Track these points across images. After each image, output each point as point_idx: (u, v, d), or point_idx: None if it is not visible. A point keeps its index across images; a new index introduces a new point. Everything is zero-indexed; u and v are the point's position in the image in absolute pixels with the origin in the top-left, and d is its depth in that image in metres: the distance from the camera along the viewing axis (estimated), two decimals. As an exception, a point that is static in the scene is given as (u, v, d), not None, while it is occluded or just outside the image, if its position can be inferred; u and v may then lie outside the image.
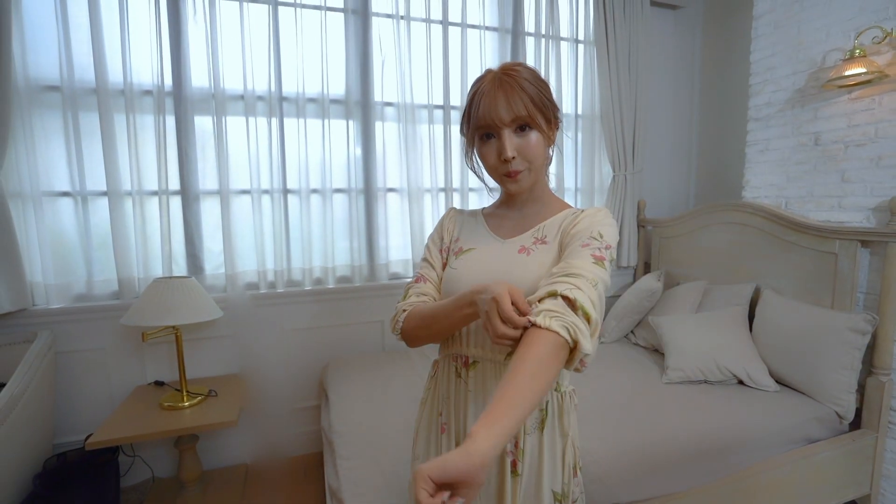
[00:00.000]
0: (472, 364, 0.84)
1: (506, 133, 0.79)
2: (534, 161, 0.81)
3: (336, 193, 2.30)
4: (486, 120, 0.79)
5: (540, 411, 0.83)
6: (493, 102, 0.77)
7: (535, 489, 0.82)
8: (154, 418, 1.75)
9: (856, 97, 1.78)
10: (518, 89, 0.77)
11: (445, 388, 0.88)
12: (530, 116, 0.78)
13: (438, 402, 0.89)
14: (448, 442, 0.86)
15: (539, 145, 0.80)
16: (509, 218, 0.92)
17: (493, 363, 0.83)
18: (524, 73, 0.79)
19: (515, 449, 0.82)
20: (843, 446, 1.67)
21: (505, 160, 0.79)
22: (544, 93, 0.81)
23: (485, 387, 0.83)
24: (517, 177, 0.81)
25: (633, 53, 2.64)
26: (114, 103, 1.93)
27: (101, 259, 2.02)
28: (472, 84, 0.83)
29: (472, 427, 0.56)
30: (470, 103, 0.82)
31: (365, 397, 1.79)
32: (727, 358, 1.89)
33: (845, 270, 1.79)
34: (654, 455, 1.42)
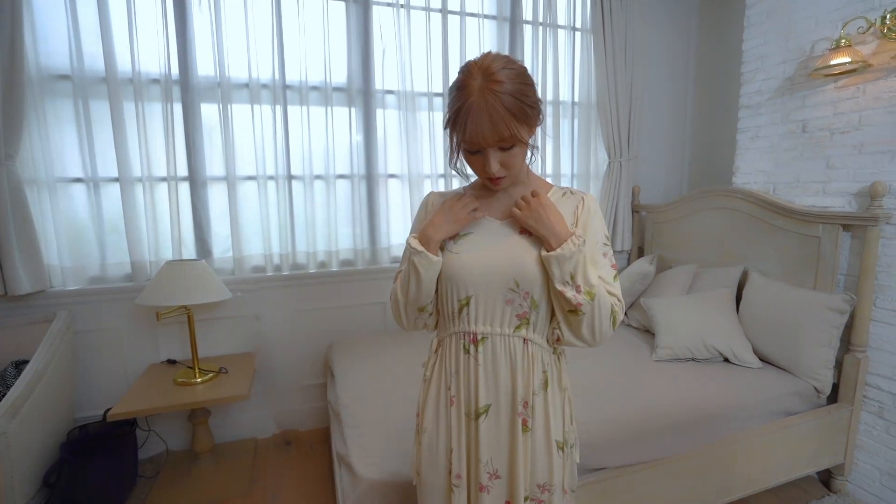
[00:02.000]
0: (480, 340, 0.92)
1: (490, 152, 0.83)
2: (514, 168, 0.88)
3: (339, 179, 2.37)
4: (472, 141, 0.82)
5: (543, 372, 0.92)
6: (479, 125, 0.80)
7: (543, 441, 0.92)
8: (169, 393, 1.85)
9: (841, 86, 1.85)
10: (501, 110, 0.78)
11: (454, 364, 0.95)
12: (513, 136, 0.82)
13: (446, 377, 0.96)
14: (458, 413, 0.94)
15: (520, 155, 0.87)
16: (497, 199, 0.97)
17: (502, 336, 0.91)
18: (507, 86, 0.79)
19: (525, 409, 0.91)
20: (819, 418, 1.77)
21: (489, 175, 0.87)
22: (526, 102, 0.81)
23: (495, 359, 0.91)
24: (500, 183, 0.90)
25: (629, 42, 2.68)
26: (123, 91, 1.99)
27: (113, 243, 2.10)
28: (454, 87, 0.83)
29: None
30: (455, 116, 0.82)
31: (369, 373, 1.88)
32: (714, 337, 1.98)
33: (827, 253, 1.87)
34: (641, 425, 1.51)
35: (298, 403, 2.43)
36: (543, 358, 0.93)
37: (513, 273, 0.88)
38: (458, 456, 0.93)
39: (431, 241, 0.91)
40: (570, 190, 0.98)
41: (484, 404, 0.92)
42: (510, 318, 0.91)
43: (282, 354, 2.38)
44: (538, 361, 0.92)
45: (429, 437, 0.98)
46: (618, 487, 1.45)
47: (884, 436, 1.79)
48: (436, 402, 0.98)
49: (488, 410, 0.92)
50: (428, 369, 1.01)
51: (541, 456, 0.92)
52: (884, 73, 1.71)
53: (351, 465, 1.32)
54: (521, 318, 0.90)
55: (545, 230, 0.86)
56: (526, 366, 0.91)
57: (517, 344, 0.91)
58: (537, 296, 0.89)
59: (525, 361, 0.91)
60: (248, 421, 2.35)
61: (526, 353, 0.91)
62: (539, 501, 0.93)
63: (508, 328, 0.91)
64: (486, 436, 0.91)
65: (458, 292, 0.92)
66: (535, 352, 0.92)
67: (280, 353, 2.37)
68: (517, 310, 0.90)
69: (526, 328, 0.91)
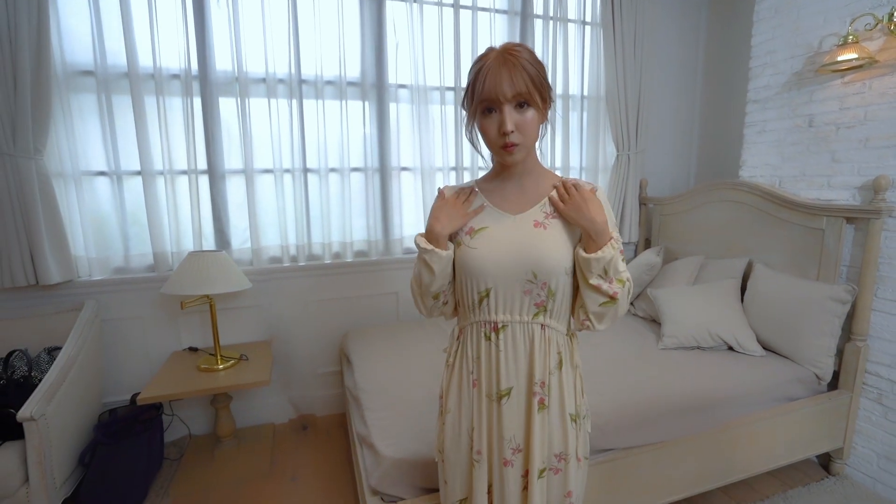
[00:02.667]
0: (501, 328, 0.98)
1: (507, 108, 0.87)
2: (529, 136, 0.92)
3: (353, 172, 2.42)
4: (489, 94, 0.86)
5: (558, 353, 0.99)
6: (497, 79, 0.85)
7: (559, 417, 0.99)
8: (193, 379, 1.93)
9: (848, 81, 1.88)
10: (520, 68, 0.85)
11: (476, 351, 1.01)
12: (529, 94, 0.87)
13: (468, 362, 1.02)
14: (479, 394, 1.01)
15: (534, 122, 0.91)
16: (508, 191, 1.00)
17: (521, 324, 0.98)
18: (525, 54, 0.87)
19: (542, 388, 0.98)
20: (820, 404, 1.84)
21: (504, 133, 0.89)
22: (542, 73, 0.89)
23: (515, 345, 0.98)
24: (513, 149, 0.90)
25: (638, 36, 2.70)
26: (144, 87, 2.04)
27: (136, 234, 2.17)
28: (475, 61, 0.90)
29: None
30: (474, 79, 0.88)
31: (385, 360, 1.96)
32: (719, 326, 2.04)
33: (831, 245, 1.92)
34: (648, 409, 1.58)
35: (314, 390, 2.51)
36: (558, 340, 1.00)
37: (530, 265, 0.94)
38: (479, 434, 1.00)
39: (440, 238, 0.96)
40: (577, 182, 1.01)
41: (506, 387, 0.98)
42: (528, 306, 0.97)
43: (298, 343, 2.45)
44: (553, 344, 0.99)
45: (452, 418, 1.05)
46: (624, 468, 1.52)
47: (882, 421, 1.86)
48: (458, 385, 1.05)
49: (510, 392, 0.98)
50: (451, 355, 1.08)
51: (556, 429, 0.99)
52: (890, 70, 1.74)
53: (373, 444, 1.40)
54: (539, 306, 0.97)
55: (587, 223, 0.91)
56: (543, 349, 0.98)
57: (535, 330, 0.98)
58: (554, 285, 0.95)
59: (542, 345, 0.98)
60: (267, 406, 2.43)
61: (543, 337, 0.98)
62: (556, 470, 1.00)
63: (527, 316, 0.97)
64: (508, 415, 0.98)
65: (477, 285, 0.97)
66: (552, 335, 0.99)
67: (297, 341, 2.45)
68: (535, 299, 0.96)
69: (543, 315, 0.97)
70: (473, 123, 0.96)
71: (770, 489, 1.89)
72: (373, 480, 1.34)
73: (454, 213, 0.99)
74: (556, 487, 1.01)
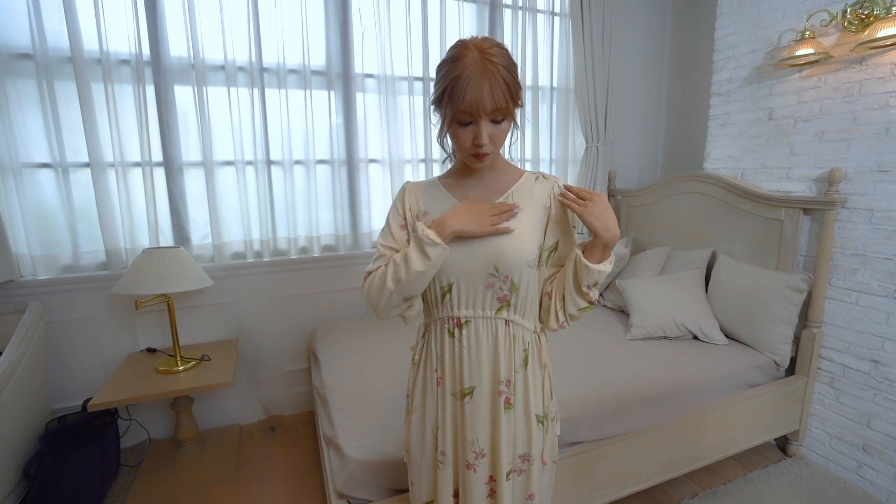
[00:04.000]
0: (464, 323, 0.96)
1: (483, 123, 0.85)
2: (499, 144, 0.91)
3: (319, 164, 2.35)
4: (469, 108, 0.83)
5: (524, 351, 0.97)
6: (477, 92, 0.81)
7: (524, 417, 0.97)
8: (150, 382, 1.84)
9: (805, 76, 1.93)
10: (499, 79, 0.82)
11: (439, 348, 0.99)
12: (507, 107, 0.86)
13: (433, 360, 1.00)
14: (443, 392, 0.98)
15: (506, 131, 0.91)
16: (472, 187, 0.98)
17: (484, 319, 0.95)
18: (501, 59, 0.83)
19: (507, 387, 0.96)
20: (778, 390, 1.91)
21: (478, 145, 0.88)
22: (515, 77, 0.86)
23: (478, 341, 0.95)
24: (484, 159, 0.90)
25: (606, 27, 2.71)
26: (90, 72, 1.91)
27: (86, 230, 2.04)
28: (450, 60, 0.84)
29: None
30: (452, 86, 0.82)
31: (353, 357, 1.91)
32: (684, 316, 2.09)
33: (789, 235, 1.98)
34: (616, 400, 1.60)
35: (282, 389, 2.44)
36: (524, 337, 0.98)
37: (491, 258, 0.92)
38: (443, 434, 0.98)
39: (449, 234, 0.89)
40: (543, 175, 1.00)
41: (469, 385, 0.96)
42: (491, 301, 0.95)
43: (264, 341, 2.38)
44: (519, 341, 0.97)
45: (417, 417, 1.02)
46: (593, 459, 1.54)
47: (834, 403, 1.94)
48: (423, 383, 1.02)
49: (473, 392, 0.96)
50: (416, 353, 1.05)
51: (521, 430, 0.98)
52: (843, 65, 1.80)
53: (340, 446, 1.36)
54: (502, 300, 0.95)
55: (605, 232, 0.87)
56: (507, 346, 0.96)
57: (499, 326, 0.96)
58: (516, 278, 0.93)
59: (507, 342, 0.96)
60: (232, 407, 2.35)
61: (507, 333, 0.96)
62: (520, 471, 0.99)
63: (490, 311, 0.95)
64: (471, 416, 0.96)
65: (440, 280, 0.95)
66: (517, 332, 0.97)
67: (262, 339, 2.37)
68: (498, 293, 0.94)
69: (507, 310, 0.95)
70: (446, 132, 0.92)
71: (732, 472, 1.95)
72: (339, 483, 1.30)
73: (479, 221, 0.90)
74: (518, 488, 1.00)
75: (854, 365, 1.85)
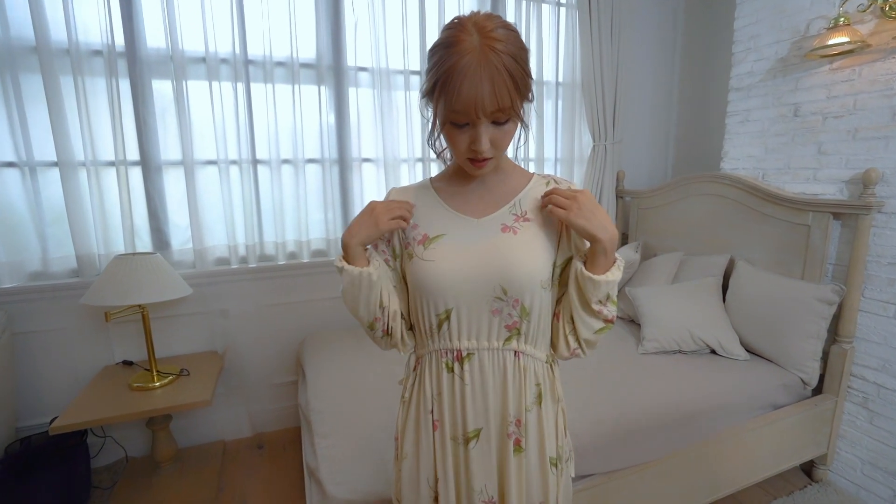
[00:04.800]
0: (466, 357, 0.80)
1: (483, 126, 0.70)
2: (502, 148, 0.74)
3: (309, 164, 2.20)
4: (465, 109, 0.67)
5: (536, 385, 0.82)
6: (477, 90, 0.65)
7: (537, 460, 0.83)
8: (123, 400, 1.70)
9: (836, 67, 1.77)
10: (505, 75, 0.66)
11: (435, 385, 0.83)
12: (512, 107, 0.68)
13: (427, 399, 0.84)
14: (442, 438, 0.83)
15: (511, 134, 0.74)
16: (471, 192, 0.83)
17: (491, 351, 0.80)
18: (508, 47, 0.66)
19: (518, 427, 0.81)
20: (805, 411, 1.74)
21: (476, 150, 0.72)
22: (525, 68, 0.70)
23: (483, 377, 0.80)
24: (484, 165, 0.75)
25: (616, 18, 2.55)
26: (59, 64, 1.76)
27: (56, 235, 1.90)
28: (443, 44, 0.68)
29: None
30: (445, 80, 0.67)
31: (343, 375, 1.76)
32: (701, 328, 1.93)
33: (817, 242, 1.82)
34: (628, 426, 1.44)
35: (269, 403, 2.30)
36: (536, 370, 0.83)
37: (498, 279, 0.77)
38: (445, 485, 0.83)
39: (349, 249, 0.79)
40: (554, 178, 0.85)
41: (473, 429, 0.81)
42: (498, 329, 0.80)
43: (250, 352, 2.23)
44: (531, 374, 0.82)
45: (409, 464, 0.87)
46: (607, 493, 1.38)
47: (867, 426, 1.78)
48: (416, 425, 0.87)
49: (479, 435, 0.81)
50: (406, 389, 0.90)
51: (535, 476, 0.83)
52: (882, 55, 1.63)
53: (321, 481, 1.21)
54: (511, 328, 0.80)
55: (601, 233, 0.73)
56: (518, 381, 0.81)
57: (508, 358, 0.81)
58: (528, 302, 0.78)
59: (517, 376, 0.81)
60: (216, 422, 2.21)
61: (517, 366, 0.81)
62: None
63: (497, 341, 0.80)
64: (477, 462, 0.81)
65: (435, 306, 0.80)
66: (528, 364, 0.82)
67: (249, 350, 2.23)
68: (506, 320, 0.79)
69: (517, 339, 0.80)
70: (438, 133, 0.77)
71: (755, 500, 1.79)
72: (319, 524, 1.16)
73: (372, 222, 0.78)
74: None
75: (890, 384, 1.69)
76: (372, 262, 0.81)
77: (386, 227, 0.78)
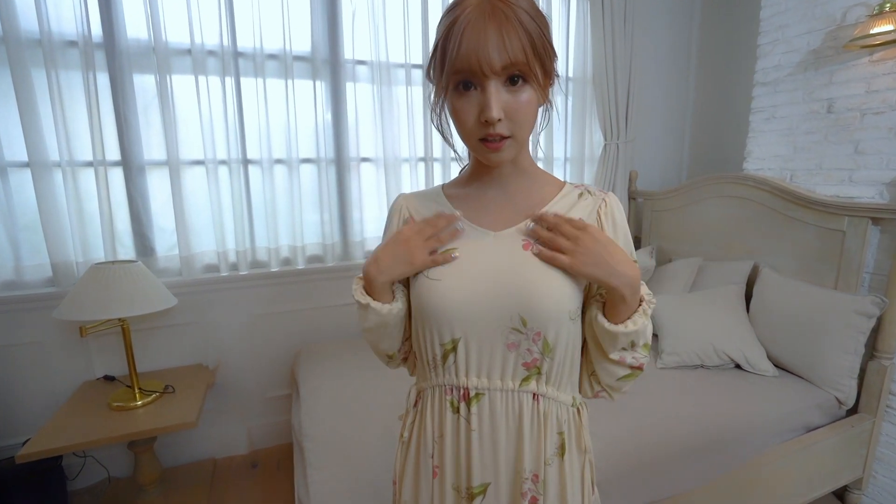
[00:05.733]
0: (474, 397, 0.67)
1: (492, 85, 0.58)
2: (523, 126, 0.61)
3: (303, 164, 2.06)
4: (468, 62, 0.56)
5: (559, 434, 0.69)
6: (481, 38, 0.55)
7: None
8: (101, 421, 1.56)
9: (877, 59, 1.62)
10: (516, 23, 0.55)
11: (438, 427, 0.70)
12: (528, 64, 0.57)
13: (427, 441, 0.71)
14: (441, 488, 0.70)
15: (532, 106, 0.60)
16: (489, 200, 0.71)
17: (504, 392, 0.67)
18: (522, 3, 0.57)
19: (535, 484, 0.67)
20: (841, 433, 1.61)
21: (487, 121, 0.58)
22: (546, 33, 0.59)
23: (494, 423, 0.67)
24: (501, 146, 0.61)
25: (629, 10, 2.40)
26: (29, 56, 1.62)
27: (31, 241, 1.76)
28: (447, 9, 0.60)
29: None
30: (445, 36, 0.58)
31: (339, 392, 1.63)
32: (725, 341, 1.79)
33: (853, 249, 1.68)
34: (652, 455, 1.31)
35: (262, 418, 2.16)
36: (559, 415, 0.69)
37: (517, 306, 0.63)
38: None
39: (375, 286, 0.68)
40: (587, 189, 0.71)
41: (480, 483, 0.68)
42: (515, 367, 0.66)
43: (242, 364, 2.10)
44: (552, 421, 0.68)
45: None
46: (630, 531, 1.25)
47: (906, 448, 1.64)
48: (415, 470, 0.74)
49: (486, 491, 0.68)
50: (405, 428, 0.76)
51: None
52: (930, 45, 1.49)
53: (313, 523, 1.07)
54: (530, 367, 0.66)
55: (614, 278, 0.60)
56: (536, 429, 0.67)
57: (525, 401, 0.67)
58: (553, 336, 0.64)
59: (535, 423, 0.67)
60: (205, 439, 2.07)
61: (536, 412, 0.67)
62: None
63: (512, 381, 0.67)
64: None
65: (439, 334, 0.67)
66: (549, 409, 0.68)
67: (240, 362, 2.09)
68: (524, 357, 0.65)
69: (537, 380, 0.67)
70: (442, 103, 0.65)
71: (784, 528, 1.65)
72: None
73: (407, 258, 0.67)
74: None
75: (934, 405, 1.56)
76: (397, 296, 0.71)
77: (422, 264, 0.67)
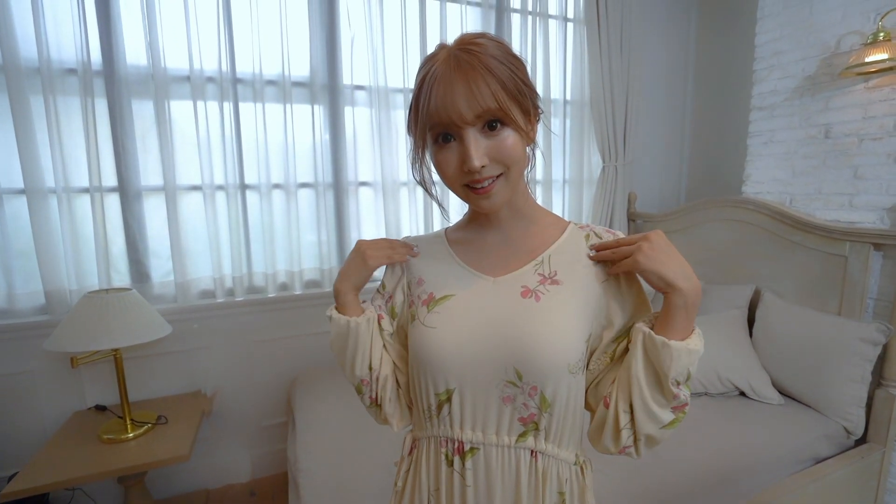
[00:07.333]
0: (468, 451, 0.64)
1: (470, 134, 0.57)
2: (512, 165, 0.59)
3: (301, 188, 2.05)
4: (440, 116, 0.56)
5: (559, 494, 0.65)
6: (448, 92, 0.55)
7: None
8: (91, 455, 1.52)
9: (873, 86, 1.64)
10: (483, 71, 0.55)
11: (433, 479, 0.67)
12: (502, 110, 0.56)
13: (422, 492, 0.68)
14: None
15: (517, 146, 0.59)
16: (489, 244, 0.69)
17: (499, 448, 0.63)
18: (490, 48, 0.56)
19: None
20: (851, 464, 1.57)
21: (469, 170, 0.57)
22: (518, 74, 0.58)
23: (489, 481, 0.64)
24: (490, 189, 0.59)
25: (625, 34, 2.43)
26: (28, 84, 1.62)
27: (24, 268, 1.74)
28: (421, 64, 0.60)
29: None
30: (418, 92, 0.59)
31: (335, 423, 1.59)
32: (729, 368, 1.76)
33: (855, 275, 1.67)
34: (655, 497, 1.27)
35: (258, 447, 2.11)
36: (560, 474, 0.65)
37: (511, 358, 0.61)
38: None
39: (339, 296, 0.71)
40: (594, 230, 0.68)
41: None
42: (510, 422, 0.63)
43: (238, 391, 2.05)
44: (552, 480, 0.64)
45: None
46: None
47: (917, 479, 1.61)
48: None
49: None
50: (400, 476, 0.73)
51: None
52: (926, 73, 1.50)
53: (308, 570, 1.03)
54: (527, 422, 0.63)
55: (682, 280, 0.56)
56: (534, 488, 0.64)
57: (522, 458, 0.64)
58: (550, 392, 0.61)
59: (533, 482, 0.64)
60: (198, 469, 2.01)
61: (534, 470, 0.64)
62: None
63: (508, 437, 0.64)
64: None
65: (434, 384, 0.65)
66: (549, 467, 0.64)
67: (236, 389, 2.05)
68: (520, 411, 0.63)
69: (534, 436, 0.63)
70: (422, 157, 0.64)
71: (794, 564, 1.60)
72: None
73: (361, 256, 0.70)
74: None
75: (945, 435, 1.52)
76: (365, 313, 0.71)
77: (375, 262, 0.70)
